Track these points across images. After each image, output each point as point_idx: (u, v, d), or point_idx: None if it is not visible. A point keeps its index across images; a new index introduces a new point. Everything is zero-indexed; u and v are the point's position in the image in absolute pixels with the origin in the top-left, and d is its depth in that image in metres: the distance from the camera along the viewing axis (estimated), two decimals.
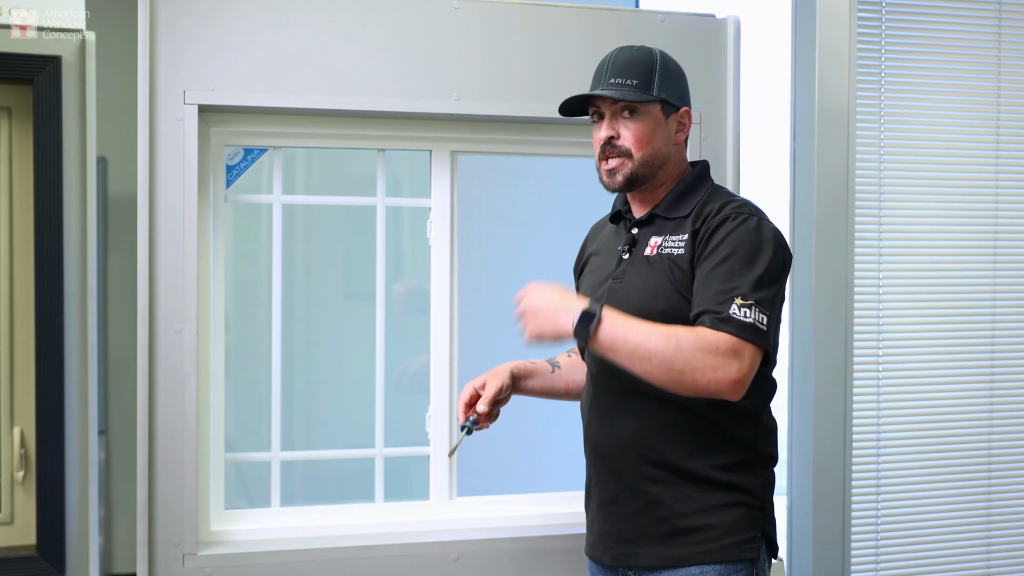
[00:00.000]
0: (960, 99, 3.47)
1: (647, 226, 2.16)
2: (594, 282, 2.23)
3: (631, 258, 2.15)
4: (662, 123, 2.13)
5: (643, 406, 2.06)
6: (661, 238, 2.11)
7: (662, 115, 2.13)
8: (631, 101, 2.08)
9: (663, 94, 2.11)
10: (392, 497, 2.78)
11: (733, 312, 1.91)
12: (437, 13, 2.65)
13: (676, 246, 2.08)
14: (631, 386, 2.05)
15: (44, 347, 2.43)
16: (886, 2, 3.39)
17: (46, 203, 2.43)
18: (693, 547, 2.04)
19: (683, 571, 2.05)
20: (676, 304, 2.03)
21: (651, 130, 2.12)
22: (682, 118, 2.16)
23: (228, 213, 2.72)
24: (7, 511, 2.53)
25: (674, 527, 2.05)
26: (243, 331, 3.48)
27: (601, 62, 2.16)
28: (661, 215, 2.15)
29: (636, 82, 2.10)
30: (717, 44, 2.80)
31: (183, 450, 2.49)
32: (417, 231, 3.04)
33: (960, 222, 3.48)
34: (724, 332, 1.90)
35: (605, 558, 2.16)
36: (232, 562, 2.52)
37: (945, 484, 3.47)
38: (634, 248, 2.15)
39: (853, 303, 3.32)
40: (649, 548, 2.08)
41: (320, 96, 2.58)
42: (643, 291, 2.08)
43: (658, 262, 2.08)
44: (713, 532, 2.04)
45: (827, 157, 3.28)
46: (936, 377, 3.46)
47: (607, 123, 2.13)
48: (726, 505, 2.05)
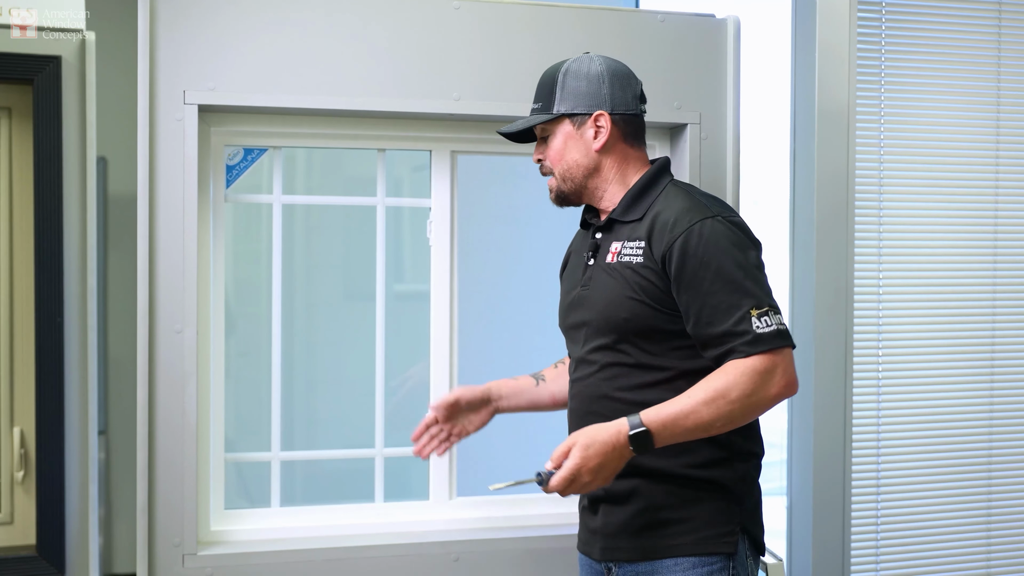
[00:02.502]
0: (960, 99, 3.47)
1: (607, 232, 2.19)
2: (566, 287, 2.29)
3: (595, 264, 2.18)
4: (573, 136, 2.15)
5: (611, 409, 2.08)
6: (620, 244, 2.13)
7: (572, 127, 2.15)
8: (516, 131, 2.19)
9: (562, 108, 2.13)
10: (392, 497, 2.78)
11: (757, 328, 1.95)
12: (437, 13, 2.65)
13: (634, 253, 2.09)
14: (600, 391, 2.11)
15: (44, 347, 2.43)
16: (886, 2, 3.39)
17: (46, 203, 2.43)
18: (667, 539, 2.07)
19: (659, 563, 2.08)
20: (638, 312, 2.06)
21: (562, 146, 2.16)
22: (597, 122, 2.15)
23: (228, 213, 2.72)
24: (7, 511, 2.53)
25: (650, 520, 2.08)
26: (243, 331, 3.48)
27: None
28: (618, 219, 2.16)
29: (540, 104, 2.17)
30: (717, 44, 2.80)
31: (183, 450, 2.49)
32: (417, 231, 3.04)
33: (960, 222, 3.48)
34: (760, 354, 1.95)
35: (595, 552, 2.20)
36: (232, 562, 2.52)
37: (945, 484, 3.47)
38: (597, 254, 2.18)
39: (853, 303, 3.32)
40: (627, 541, 2.11)
41: (320, 96, 2.58)
42: (605, 300, 2.11)
43: (618, 270, 2.10)
44: (687, 525, 2.07)
45: (827, 157, 3.28)
46: (936, 377, 3.46)
47: (536, 148, 2.22)
48: (701, 499, 2.07)
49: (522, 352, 3.22)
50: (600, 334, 2.12)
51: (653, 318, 2.05)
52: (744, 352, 1.95)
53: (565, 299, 2.27)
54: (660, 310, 2.05)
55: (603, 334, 2.11)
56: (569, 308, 2.23)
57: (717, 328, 1.98)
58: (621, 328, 2.07)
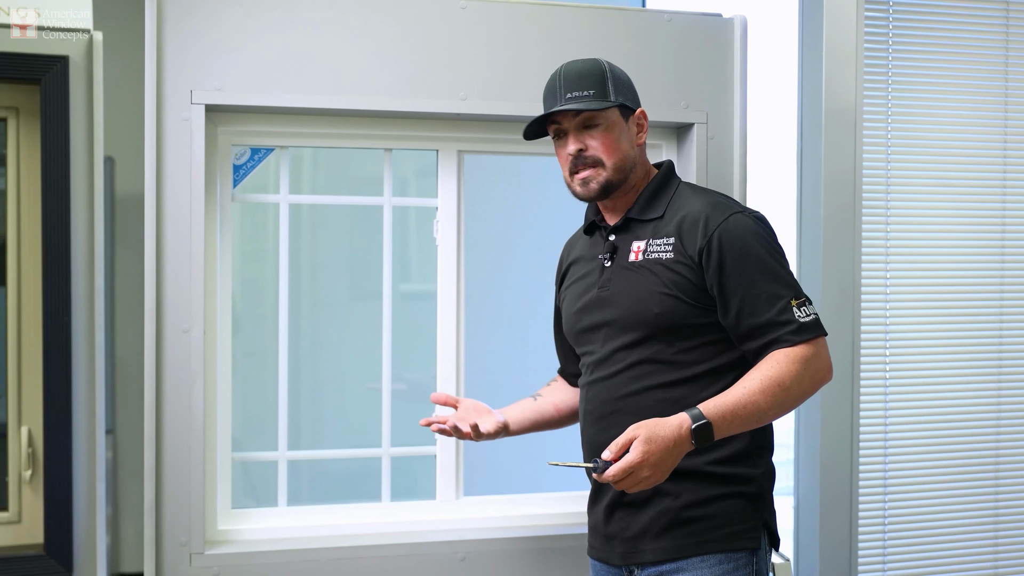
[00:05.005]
0: (967, 98, 3.46)
1: (624, 232, 2.19)
2: (577, 293, 2.26)
3: (613, 265, 2.17)
4: (623, 127, 2.17)
5: (638, 407, 2.08)
6: (643, 243, 2.14)
7: (622, 119, 2.16)
8: (595, 110, 2.12)
9: (620, 99, 2.15)
10: (399, 497, 2.78)
11: (800, 317, 2.02)
12: (444, 13, 2.65)
13: (663, 250, 2.10)
14: (626, 389, 2.10)
15: (52, 346, 2.44)
16: (893, 1, 3.39)
17: (54, 202, 2.44)
18: (694, 537, 2.07)
19: (684, 562, 2.07)
20: (669, 306, 2.07)
21: (617, 136, 2.15)
22: (639, 120, 2.20)
23: (235, 213, 2.73)
24: (15, 510, 2.53)
25: (674, 519, 2.07)
26: (250, 330, 3.48)
27: (551, 81, 2.19)
28: (636, 218, 2.18)
29: (593, 92, 2.13)
30: (724, 44, 2.79)
31: (190, 449, 2.49)
32: (423, 231, 3.04)
33: (968, 221, 3.47)
34: (805, 342, 2.01)
35: (614, 558, 2.17)
36: (239, 561, 2.52)
37: (953, 484, 3.47)
38: (615, 255, 2.17)
39: (860, 303, 3.31)
40: (651, 543, 2.10)
41: (327, 96, 2.58)
42: (633, 297, 2.11)
43: (646, 267, 2.11)
44: (713, 522, 2.06)
45: (834, 157, 3.27)
46: (944, 377, 3.45)
47: (572, 138, 2.15)
48: (725, 495, 2.07)
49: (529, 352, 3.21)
50: (625, 332, 2.11)
51: (685, 313, 2.06)
52: (790, 341, 2.00)
53: (575, 304, 2.25)
54: (693, 304, 2.06)
55: (629, 331, 2.11)
56: (583, 311, 2.22)
57: (760, 318, 2.02)
58: (651, 324, 2.07)
